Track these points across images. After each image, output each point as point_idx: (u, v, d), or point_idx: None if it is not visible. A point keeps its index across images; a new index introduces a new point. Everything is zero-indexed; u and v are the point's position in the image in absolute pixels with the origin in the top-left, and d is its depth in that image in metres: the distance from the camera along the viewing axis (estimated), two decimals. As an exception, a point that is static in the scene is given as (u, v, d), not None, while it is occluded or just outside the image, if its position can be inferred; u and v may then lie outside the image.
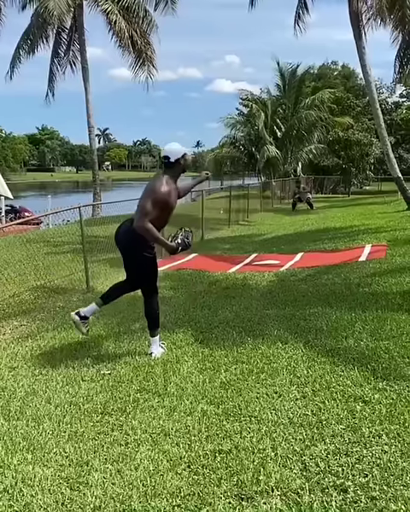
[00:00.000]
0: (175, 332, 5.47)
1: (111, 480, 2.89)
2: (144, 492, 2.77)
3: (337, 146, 34.70)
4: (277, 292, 7.11)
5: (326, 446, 3.12)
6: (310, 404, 3.70)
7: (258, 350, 4.83)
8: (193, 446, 3.21)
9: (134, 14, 21.28)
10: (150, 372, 4.43)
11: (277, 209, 23.27)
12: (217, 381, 4.20)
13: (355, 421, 3.42)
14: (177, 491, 2.76)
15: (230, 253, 11.09)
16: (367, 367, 4.28)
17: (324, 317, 5.76)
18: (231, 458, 3.06)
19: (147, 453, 3.16)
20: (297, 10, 19.40)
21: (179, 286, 7.78)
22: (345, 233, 13.12)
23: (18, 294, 7.54)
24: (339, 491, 2.69)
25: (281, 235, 13.85)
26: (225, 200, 17.95)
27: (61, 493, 2.79)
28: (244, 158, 34.86)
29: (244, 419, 3.54)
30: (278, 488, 2.75)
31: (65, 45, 23.03)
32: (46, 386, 4.23)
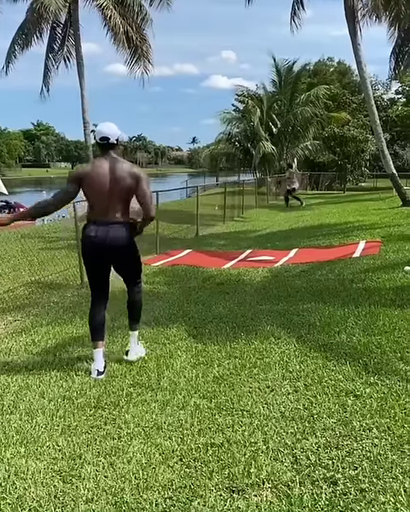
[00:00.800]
0: (169, 327, 5.49)
1: (104, 473, 2.91)
2: (136, 485, 2.79)
3: (333, 142, 34.71)
4: (271, 287, 7.14)
5: (317, 440, 3.15)
6: (302, 399, 3.73)
7: (251, 345, 4.86)
8: (185, 440, 3.24)
9: (129, 9, 21.22)
10: (143, 367, 4.45)
11: (272, 205, 23.29)
12: (210, 375, 4.22)
13: (346, 414, 3.45)
14: (169, 484, 2.79)
15: (224, 249, 11.12)
16: (359, 362, 4.31)
17: (317, 312, 5.79)
18: (223, 452, 3.08)
19: (139, 446, 3.18)
20: (293, 6, 19.39)
21: (173, 281, 7.80)
22: (340, 229, 13.15)
23: (12, 290, 7.55)
24: (329, 484, 2.72)
25: (276, 232, 13.88)
26: (220, 197, 17.96)
27: (54, 486, 2.81)
28: (240, 154, 34.89)
29: (236, 413, 3.57)
30: (268, 481, 2.78)
31: (60, 40, 22.92)
32: (40, 381, 4.24)
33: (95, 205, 4.24)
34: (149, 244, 10.80)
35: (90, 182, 4.17)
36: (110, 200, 4.18)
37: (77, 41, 21.54)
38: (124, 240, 4.28)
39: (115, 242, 4.23)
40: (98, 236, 4.20)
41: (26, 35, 21.25)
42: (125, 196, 4.21)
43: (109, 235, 4.20)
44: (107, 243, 4.20)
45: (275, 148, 31.53)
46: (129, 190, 4.19)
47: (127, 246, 4.34)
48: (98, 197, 4.18)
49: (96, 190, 4.17)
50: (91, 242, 4.23)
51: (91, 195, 4.23)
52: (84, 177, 4.20)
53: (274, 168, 32.09)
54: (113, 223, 4.21)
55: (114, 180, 4.15)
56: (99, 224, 4.21)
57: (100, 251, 4.25)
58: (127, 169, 4.20)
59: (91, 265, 4.40)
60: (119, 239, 4.24)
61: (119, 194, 4.17)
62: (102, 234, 4.20)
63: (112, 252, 4.28)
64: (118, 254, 4.34)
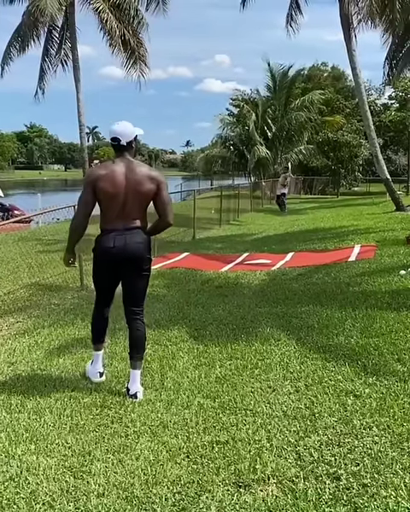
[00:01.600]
0: (170, 329, 5.58)
1: (113, 469, 3.00)
2: (146, 480, 2.88)
3: (327, 147, 34.95)
4: (269, 290, 7.24)
5: (319, 437, 3.26)
6: (303, 398, 3.83)
7: (251, 346, 4.96)
8: (191, 438, 3.33)
9: (125, 12, 21.30)
10: (147, 367, 4.53)
11: (267, 209, 23.43)
12: (212, 376, 4.32)
13: (347, 413, 3.56)
14: (177, 480, 2.88)
15: (221, 253, 11.22)
16: (358, 363, 4.42)
17: (315, 314, 5.90)
18: (229, 449, 3.18)
19: (147, 444, 3.27)
20: (289, 11, 19.54)
21: (173, 284, 7.89)
22: (335, 233, 13.29)
23: (12, 292, 7.62)
24: (332, 479, 2.82)
25: (272, 235, 14.00)
26: (215, 200, 18.08)
27: (66, 481, 2.90)
28: (235, 158, 35.05)
29: (240, 412, 3.67)
30: (273, 476, 2.87)
31: (56, 43, 22.96)
32: (46, 381, 4.32)
33: (109, 211, 3.89)
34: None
35: (104, 186, 3.82)
36: (126, 207, 3.86)
37: (73, 44, 21.59)
38: (144, 246, 3.97)
39: (136, 251, 3.92)
40: (117, 247, 3.87)
41: (22, 38, 21.29)
42: (143, 202, 3.92)
43: (127, 241, 3.87)
44: (126, 252, 3.88)
45: (269, 153, 31.72)
46: (148, 196, 3.90)
47: (147, 253, 4.03)
48: (113, 203, 3.85)
49: (111, 195, 3.82)
50: (109, 254, 3.90)
51: (105, 201, 3.86)
52: (97, 180, 3.84)
53: (269, 172, 32.26)
54: (129, 229, 3.89)
55: (131, 184, 3.83)
56: (116, 232, 3.88)
57: (118, 261, 3.92)
58: (146, 173, 3.91)
59: (105, 276, 4.09)
60: (139, 246, 3.92)
61: (136, 199, 3.86)
62: (120, 243, 3.86)
63: (130, 260, 3.93)
64: (136, 263, 3.97)
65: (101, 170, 3.93)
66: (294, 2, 19.06)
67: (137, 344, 4.12)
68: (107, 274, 4.07)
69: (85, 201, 3.91)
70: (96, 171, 3.94)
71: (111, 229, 3.90)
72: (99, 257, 4.01)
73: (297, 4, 19.06)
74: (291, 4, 19.05)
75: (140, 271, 4.03)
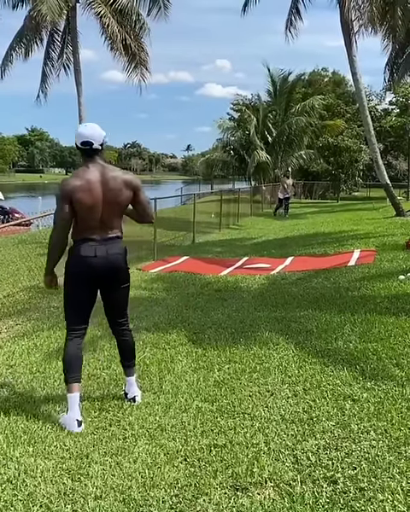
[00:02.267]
0: (169, 332, 5.59)
1: (111, 472, 3.01)
2: (143, 483, 2.89)
3: (327, 152, 35.04)
4: (268, 294, 7.25)
5: (317, 441, 3.26)
6: (301, 402, 3.84)
7: (250, 350, 4.97)
8: (189, 441, 3.34)
9: (127, 17, 21.37)
10: (145, 371, 4.55)
11: (267, 213, 23.46)
12: (211, 379, 4.33)
13: (345, 418, 3.56)
14: (174, 483, 2.88)
15: (221, 257, 11.24)
16: (356, 367, 4.43)
17: (314, 319, 5.91)
18: (226, 452, 3.18)
19: (144, 447, 3.27)
20: (289, 16, 19.60)
21: (172, 288, 7.90)
22: (334, 238, 13.31)
23: (12, 294, 7.63)
24: (329, 483, 2.82)
25: (271, 240, 14.02)
26: (215, 204, 18.10)
27: (63, 484, 2.90)
28: (235, 162, 35.11)
29: (238, 416, 3.67)
30: (271, 480, 2.88)
31: (58, 47, 23.04)
32: (44, 384, 4.33)
33: (85, 221, 3.63)
34: (147, 250, 10.91)
35: (81, 197, 3.55)
36: (103, 216, 3.63)
37: (75, 48, 21.66)
38: (123, 257, 3.78)
39: (116, 261, 3.71)
40: (99, 256, 3.63)
41: (23, 42, 21.37)
42: (121, 209, 3.73)
43: (108, 252, 3.66)
44: (108, 262, 3.66)
45: (270, 157, 31.76)
46: (126, 202, 3.73)
47: (125, 264, 3.84)
48: (90, 213, 3.60)
49: (89, 206, 3.57)
50: (91, 264, 3.63)
51: (82, 211, 3.59)
52: (74, 192, 3.56)
53: (269, 177, 32.30)
54: (108, 239, 3.68)
55: (109, 193, 3.61)
56: (95, 242, 3.64)
57: (99, 273, 3.66)
58: (121, 178, 3.68)
59: (84, 291, 3.72)
60: (118, 256, 3.73)
61: (114, 207, 3.66)
62: (102, 253, 3.64)
63: (112, 271, 3.72)
64: (118, 275, 3.78)
65: (75, 180, 3.62)
66: (293, 8, 19.11)
67: (127, 353, 4.03)
68: (87, 288, 3.71)
69: (64, 216, 3.60)
70: (71, 183, 3.62)
71: (89, 239, 3.64)
72: (77, 268, 3.66)
73: (297, 10, 19.11)
74: (291, 10, 19.11)
75: (122, 283, 3.84)
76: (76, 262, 3.67)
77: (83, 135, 3.66)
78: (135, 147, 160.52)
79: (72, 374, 3.70)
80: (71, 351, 3.75)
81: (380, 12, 16.68)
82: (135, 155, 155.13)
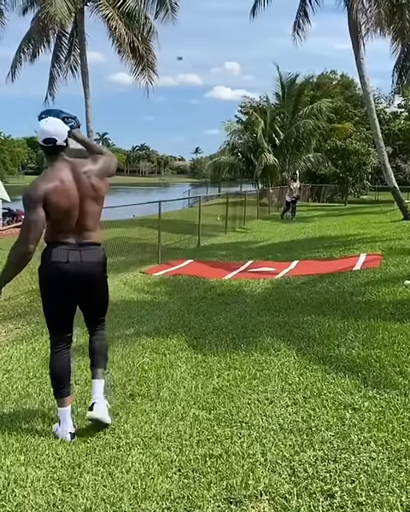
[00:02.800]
0: (169, 337, 5.52)
1: (102, 483, 2.93)
2: (135, 495, 2.81)
3: (335, 155, 34.91)
4: (271, 299, 7.17)
5: (315, 452, 3.17)
6: (301, 411, 3.74)
7: (251, 356, 4.88)
8: (184, 450, 3.26)
9: (135, 20, 21.39)
10: (143, 377, 4.47)
11: (274, 217, 23.36)
12: (209, 386, 4.25)
13: (344, 428, 3.47)
14: (167, 494, 2.80)
15: (226, 260, 11.16)
16: (358, 375, 4.33)
17: (317, 324, 5.82)
18: (222, 463, 3.10)
19: (138, 456, 3.20)
20: (297, 19, 19.55)
21: (174, 291, 7.83)
22: (341, 242, 13.20)
23: (13, 298, 7.58)
24: (326, 497, 2.73)
25: (277, 243, 13.92)
26: (222, 207, 18.04)
27: (53, 494, 2.83)
28: (242, 165, 35.04)
29: (235, 424, 3.59)
30: (266, 493, 2.79)
31: (66, 50, 23.12)
32: (40, 389, 4.27)
33: (60, 225, 3.34)
34: (151, 253, 10.86)
35: (57, 201, 3.25)
36: (80, 218, 3.35)
37: (82, 50, 21.71)
38: (100, 266, 3.51)
39: (91, 270, 3.42)
40: (71, 262, 3.32)
41: (31, 44, 21.44)
42: (99, 206, 3.45)
43: (83, 259, 3.36)
44: (81, 270, 3.36)
45: (277, 160, 31.67)
46: (103, 193, 3.46)
47: (103, 272, 3.56)
48: (66, 217, 3.31)
49: (65, 209, 3.29)
50: (62, 270, 3.32)
51: (57, 213, 3.29)
52: (47, 196, 3.23)
53: (276, 180, 32.21)
54: (84, 244, 3.39)
55: (85, 190, 3.34)
56: (69, 246, 3.35)
57: (72, 280, 3.36)
58: (93, 169, 3.42)
59: (59, 300, 3.43)
60: (94, 265, 3.44)
61: (92, 206, 3.39)
62: (75, 259, 3.34)
63: (86, 282, 3.41)
64: (92, 285, 3.49)
65: (46, 183, 3.27)
66: (301, 11, 19.06)
67: (99, 351, 3.67)
68: (62, 294, 3.41)
69: (34, 223, 3.23)
70: (42, 186, 3.27)
71: (62, 242, 3.34)
72: (49, 274, 3.37)
73: (305, 12, 19.06)
74: (299, 12, 19.06)
75: (98, 291, 3.57)
76: (47, 267, 3.37)
77: (45, 131, 3.33)
78: (143, 149, 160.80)
79: (62, 389, 3.52)
80: (58, 364, 3.55)
81: (388, 14, 16.58)
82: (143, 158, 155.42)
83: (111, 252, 10.63)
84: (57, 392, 3.53)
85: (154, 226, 12.02)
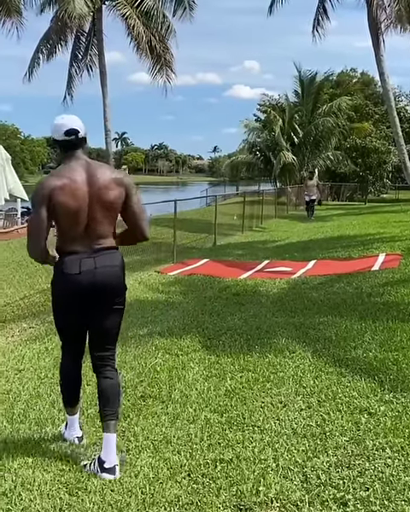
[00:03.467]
0: (182, 338, 5.45)
1: (110, 487, 2.88)
2: (143, 500, 2.75)
3: (355, 153, 34.53)
4: (287, 299, 7.07)
5: (329, 458, 3.09)
6: (315, 415, 3.66)
7: (265, 358, 4.80)
8: (194, 455, 3.19)
9: (153, 18, 21.37)
10: (155, 378, 4.42)
11: (292, 216, 23.18)
12: (222, 388, 4.18)
13: (359, 433, 3.38)
14: (175, 500, 2.74)
15: (242, 259, 11.06)
16: (375, 378, 4.23)
17: (333, 326, 5.72)
18: (232, 468, 3.03)
19: (147, 460, 3.14)
20: (316, 16, 19.36)
21: (189, 291, 7.77)
22: (359, 241, 13.02)
23: (28, 297, 7.58)
24: (339, 505, 2.65)
25: (295, 242, 13.79)
26: (239, 206, 17.93)
27: (60, 498, 2.78)
28: (261, 164, 34.85)
29: (247, 428, 3.52)
30: (277, 499, 2.72)
31: (84, 49, 23.20)
32: (51, 390, 4.23)
33: (70, 230, 3.03)
34: (166, 253, 10.81)
35: (63, 200, 2.95)
36: (92, 222, 3.02)
37: (100, 50, 21.75)
38: (118, 271, 3.12)
39: (107, 276, 3.06)
40: (84, 272, 3.00)
41: (50, 44, 21.54)
42: (111, 214, 3.08)
43: (97, 265, 3.02)
44: (96, 279, 3.02)
45: (296, 158, 31.43)
46: (116, 204, 3.06)
47: (122, 280, 3.16)
48: (75, 220, 3.00)
49: (73, 210, 2.97)
50: (75, 282, 3.01)
51: (65, 218, 3.00)
52: (53, 193, 2.95)
53: (295, 178, 31.96)
54: (98, 250, 3.05)
55: (96, 193, 3.01)
56: (81, 255, 3.02)
57: (86, 292, 3.02)
58: (110, 175, 3.08)
59: (72, 316, 3.14)
60: (111, 270, 3.08)
61: (103, 212, 3.03)
62: (89, 267, 3.01)
63: (102, 290, 3.05)
64: (108, 294, 3.09)
65: (55, 180, 3.01)
66: (320, 8, 18.88)
67: (109, 396, 3.13)
68: (74, 312, 3.11)
69: (40, 222, 2.98)
70: (50, 182, 3.00)
71: (73, 252, 3.03)
72: (62, 289, 3.09)
73: (324, 9, 18.87)
74: (318, 9, 18.87)
75: (113, 304, 3.13)
76: (58, 281, 3.09)
77: (64, 124, 3.08)
78: (162, 148, 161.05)
79: (69, 397, 3.33)
80: (67, 375, 3.35)
81: (407, 10, 16.32)
82: (162, 157, 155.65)
83: (126, 251, 10.60)
84: (67, 400, 3.36)
85: (169, 225, 11.97)
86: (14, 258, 9.27)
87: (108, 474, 2.97)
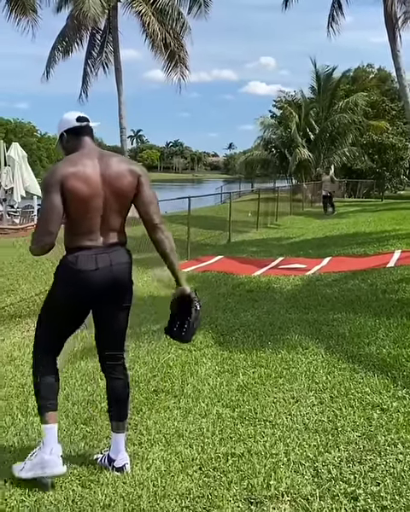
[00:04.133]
0: (195, 333, 5.46)
1: (122, 479, 2.91)
2: (154, 493, 2.78)
3: (371, 150, 34.32)
4: (301, 296, 7.06)
5: (340, 453, 3.09)
6: (327, 411, 3.66)
7: (278, 354, 4.81)
8: (206, 448, 3.22)
9: (168, 16, 21.40)
10: (168, 373, 4.45)
11: (307, 213, 23.09)
12: (234, 384, 4.19)
13: (371, 428, 3.37)
14: (186, 493, 2.77)
15: (256, 256, 11.06)
16: (388, 374, 4.22)
17: (347, 322, 5.70)
18: (243, 462, 3.05)
19: (159, 453, 3.17)
20: (331, 11, 19.25)
21: (203, 287, 7.78)
22: (375, 238, 12.95)
23: (44, 292, 7.61)
24: (350, 499, 2.65)
25: (309, 239, 13.75)
26: (254, 203, 17.91)
27: (73, 490, 2.82)
28: (276, 160, 34.76)
29: (259, 423, 3.53)
30: (288, 494, 2.73)
31: (99, 47, 23.30)
32: (65, 384, 4.26)
33: (82, 221, 2.88)
34: (180, 249, 10.83)
35: (75, 186, 2.80)
36: (104, 214, 2.89)
37: (115, 47, 21.83)
38: (129, 267, 3.00)
39: (122, 273, 2.95)
40: (101, 269, 2.86)
41: (66, 41, 21.66)
42: (123, 205, 2.95)
43: (113, 262, 2.90)
44: (112, 276, 2.90)
45: (312, 155, 31.29)
46: (129, 193, 2.92)
47: (131, 279, 3.04)
48: (87, 209, 2.85)
49: (86, 199, 2.83)
50: (91, 279, 2.86)
51: (77, 206, 2.83)
52: (66, 179, 2.80)
53: (310, 175, 31.83)
54: (111, 245, 2.93)
55: (109, 181, 2.87)
56: (95, 250, 2.88)
57: (100, 290, 2.91)
58: (123, 164, 2.95)
59: (72, 313, 3.00)
60: (125, 267, 2.97)
61: (116, 202, 2.90)
62: (105, 263, 2.88)
63: (116, 287, 2.94)
64: (121, 292, 2.99)
65: (68, 166, 2.87)
66: (336, 3, 18.77)
67: (118, 397, 3.09)
68: (76, 310, 2.99)
69: (53, 207, 2.80)
70: (62, 168, 2.86)
71: (87, 246, 2.88)
72: (71, 288, 2.89)
73: (339, 5, 18.76)
74: (333, 5, 18.77)
75: (123, 302, 3.03)
76: (70, 279, 2.89)
77: (72, 113, 3.04)
78: (177, 145, 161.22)
79: (46, 400, 3.00)
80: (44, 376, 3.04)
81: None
82: (177, 154, 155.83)
83: (140, 248, 10.65)
84: (43, 404, 3.01)
85: (184, 222, 12.00)
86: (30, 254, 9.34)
87: (118, 472, 2.98)
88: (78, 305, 2.96)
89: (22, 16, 18.00)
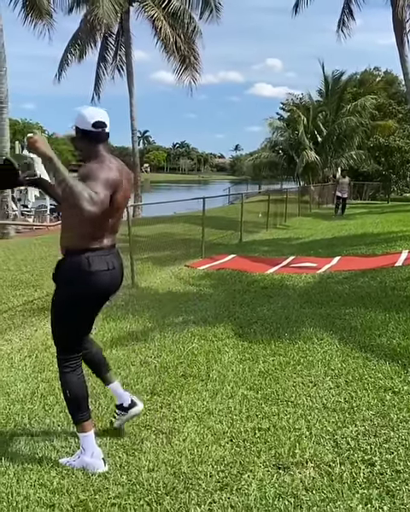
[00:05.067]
0: (216, 326, 5.81)
1: (162, 449, 3.26)
2: (192, 459, 3.12)
3: (378, 152, 34.58)
4: (313, 292, 7.39)
5: (357, 428, 3.43)
6: (343, 393, 4.00)
7: (294, 344, 5.15)
8: (235, 424, 3.56)
9: (179, 20, 21.77)
10: (194, 360, 4.78)
11: (315, 214, 23.39)
12: (256, 370, 4.53)
13: (384, 408, 3.71)
14: (221, 460, 3.11)
15: (268, 255, 11.37)
16: (398, 362, 4.56)
17: (359, 316, 6.03)
18: (270, 435, 3.39)
19: (193, 428, 3.51)
20: (341, 16, 19.56)
21: (219, 284, 8.13)
22: (383, 239, 13.25)
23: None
24: (367, 465, 3.00)
25: (319, 240, 14.06)
26: (263, 204, 18.20)
27: (119, 457, 3.17)
28: (283, 162, 35.03)
29: (281, 403, 3.87)
30: (311, 461, 3.07)
31: (111, 50, 23.72)
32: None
33: (102, 225, 2.94)
34: (195, 248, 11.17)
35: (121, 195, 2.96)
36: (119, 217, 3.10)
37: (128, 51, 22.26)
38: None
39: (122, 274, 3.18)
40: (112, 269, 3.01)
41: (79, 44, 22.07)
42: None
43: (117, 262, 3.09)
44: (119, 276, 3.13)
45: (319, 157, 31.57)
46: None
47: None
48: (112, 216, 2.97)
49: (118, 208, 3.00)
50: (102, 280, 2.97)
51: (106, 214, 2.83)
52: (118, 186, 2.91)
53: (317, 177, 32.12)
54: (113, 246, 3.11)
55: (127, 187, 3.06)
56: (103, 251, 2.99)
57: (110, 291, 3.10)
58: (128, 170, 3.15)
59: (91, 316, 3.16)
60: (123, 269, 3.19)
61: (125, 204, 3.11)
62: (114, 264, 3.05)
63: (117, 288, 3.18)
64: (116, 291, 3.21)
65: (115, 172, 2.91)
66: (346, 8, 19.09)
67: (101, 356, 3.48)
68: (96, 312, 3.16)
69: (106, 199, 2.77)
70: (114, 173, 2.90)
71: (98, 248, 2.96)
72: (87, 288, 2.96)
73: (350, 10, 19.08)
74: (343, 10, 19.09)
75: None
76: (85, 280, 2.94)
77: (93, 115, 2.97)
78: (184, 147, 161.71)
79: (82, 409, 3.10)
80: (77, 384, 3.10)
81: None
82: (184, 155, 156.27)
83: (157, 246, 11.02)
84: (79, 412, 3.10)
85: (197, 222, 12.34)
86: (51, 252, 9.72)
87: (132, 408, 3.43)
88: (95, 305, 3.10)
89: (38, 20, 18.39)
